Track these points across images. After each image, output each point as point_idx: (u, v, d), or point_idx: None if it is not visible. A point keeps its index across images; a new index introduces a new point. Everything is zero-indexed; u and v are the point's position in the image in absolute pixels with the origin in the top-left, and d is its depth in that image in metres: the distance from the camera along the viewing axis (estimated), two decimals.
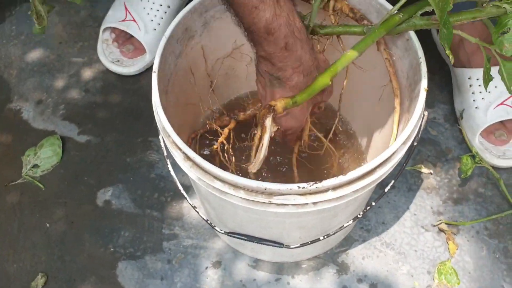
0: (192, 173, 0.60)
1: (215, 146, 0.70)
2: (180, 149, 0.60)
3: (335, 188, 0.58)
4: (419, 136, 0.66)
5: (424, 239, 0.87)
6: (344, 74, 0.69)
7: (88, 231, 0.89)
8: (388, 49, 0.70)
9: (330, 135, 0.78)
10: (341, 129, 0.91)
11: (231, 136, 0.72)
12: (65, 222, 0.90)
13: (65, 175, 0.95)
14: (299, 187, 0.56)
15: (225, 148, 0.70)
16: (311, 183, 0.56)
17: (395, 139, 0.71)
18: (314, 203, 0.58)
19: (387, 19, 0.62)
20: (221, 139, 0.70)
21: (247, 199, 0.58)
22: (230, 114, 0.73)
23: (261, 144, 0.52)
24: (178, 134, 0.61)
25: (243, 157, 0.76)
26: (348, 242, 0.86)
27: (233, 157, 0.71)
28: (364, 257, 0.85)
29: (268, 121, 0.52)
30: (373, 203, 0.72)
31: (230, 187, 0.58)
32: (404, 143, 0.62)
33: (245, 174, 0.67)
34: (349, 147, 0.89)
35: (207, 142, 0.81)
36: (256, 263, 0.85)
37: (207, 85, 0.82)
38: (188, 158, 0.60)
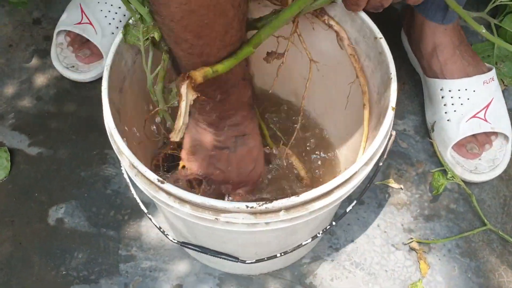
0: (138, 182, 0.57)
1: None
2: (124, 154, 0.57)
3: (287, 209, 0.55)
4: (385, 156, 0.62)
5: (395, 258, 0.83)
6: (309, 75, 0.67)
7: (37, 252, 0.83)
8: (351, 44, 0.66)
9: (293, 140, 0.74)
10: (315, 133, 0.87)
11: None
12: (12, 243, 0.84)
13: (13, 191, 0.88)
14: (247, 207, 0.53)
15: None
16: (261, 203, 0.53)
17: (363, 153, 0.68)
18: (267, 223, 0.55)
19: None
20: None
21: (193, 215, 0.55)
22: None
23: (179, 112, 0.50)
24: (135, 134, 0.57)
25: None
26: (316, 262, 0.82)
27: None
28: (333, 278, 0.81)
29: (184, 88, 0.49)
30: (334, 223, 0.68)
31: (175, 201, 0.55)
32: (366, 163, 0.58)
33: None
34: (323, 155, 0.85)
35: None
36: (219, 286, 0.80)
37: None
38: (133, 166, 0.57)
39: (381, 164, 0.62)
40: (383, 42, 0.63)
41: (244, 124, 0.62)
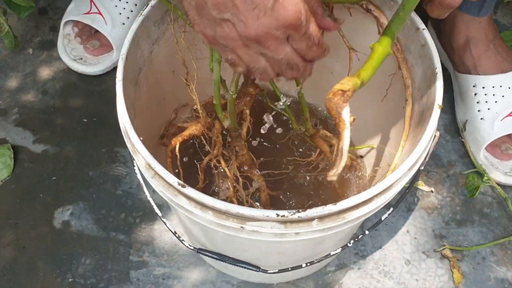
0: (155, 185, 0.52)
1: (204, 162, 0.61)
2: (140, 154, 0.52)
3: (322, 218, 0.49)
4: (427, 159, 0.56)
5: (426, 267, 0.77)
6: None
7: (42, 257, 0.78)
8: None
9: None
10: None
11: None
12: (16, 247, 0.78)
13: (16, 191, 0.83)
14: (277, 215, 0.48)
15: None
16: (293, 211, 0.48)
17: (401, 155, 0.62)
18: (296, 233, 0.50)
19: None
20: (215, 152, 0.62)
21: (216, 222, 0.50)
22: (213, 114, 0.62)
23: (341, 144, 0.40)
24: (149, 131, 0.53)
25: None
26: (342, 270, 0.77)
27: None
28: None
29: (347, 112, 0.40)
30: (367, 232, 0.63)
31: (196, 206, 0.50)
32: (410, 168, 0.52)
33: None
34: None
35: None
36: None
37: (189, 80, 0.72)
38: (150, 166, 0.51)
39: (422, 168, 0.57)
40: (426, 33, 0.57)
41: None
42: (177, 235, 0.65)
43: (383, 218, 0.61)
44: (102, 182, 0.84)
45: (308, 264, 0.63)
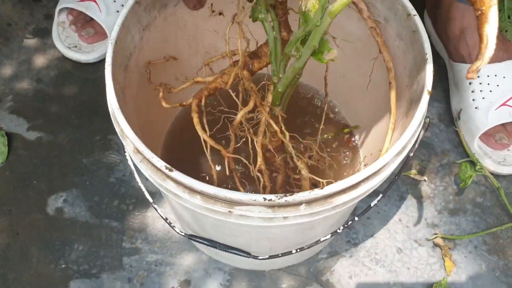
0: (143, 169, 0.51)
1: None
2: (128, 138, 0.51)
3: (309, 202, 0.49)
4: (417, 145, 0.56)
5: (418, 255, 0.78)
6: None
7: (35, 244, 0.77)
8: (371, 16, 0.61)
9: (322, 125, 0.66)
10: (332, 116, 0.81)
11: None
12: (9, 234, 0.78)
13: (10, 178, 0.83)
14: (264, 199, 0.47)
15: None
16: (280, 195, 0.47)
17: (390, 141, 0.62)
18: (285, 217, 0.50)
19: None
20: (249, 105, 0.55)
21: (204, 207, 0.50)
22: (246, 62, 0.56)
23: (485, 27, 0.38)
24: (142, 117, 0.53)
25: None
26: (334, 257, 0.77)
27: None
28: (351, 276, 0.76)
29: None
30: (356, 218, 0.63)
31: (185, 191, 0.49)
32: (398, 154, 0.52)
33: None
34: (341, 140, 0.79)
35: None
36: (230, 282, 0.75)
37: (183, 63, 0.72)
38: (138, 150, 0.51)
39: (411, 154, 0.56)
40: (417, 19, 0.57)
41: None
42: (168, 221, 0.65)
43: (372, 204, 0.61)
44: (96, 169, 0.84)
45: (298, 250, 0.63)
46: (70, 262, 0.76)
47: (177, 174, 0.49)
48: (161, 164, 0.49)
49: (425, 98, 0.53)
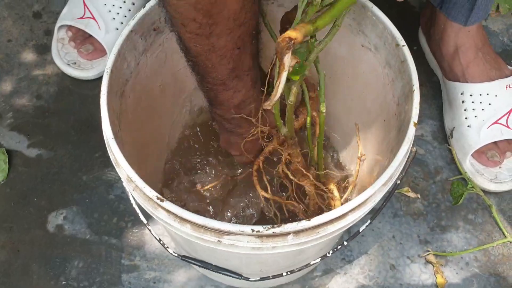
0: (136, 197, 0.53)
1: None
2: (121, 166, 0.53)
3: (297, 233, 0.50)
4: (404, 174, 0.58)
5: (410, 272, 0.79)
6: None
7: (36, 260, 0.79)
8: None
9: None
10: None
11: None
12: (10, 250, 0.80)
13: (11, 195, 0.84)
14: (253, 230, 0.49)
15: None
16: (268, 226, 0.49)
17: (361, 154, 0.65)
18: (273, 247, 0.51)
19: None
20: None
21: (194, 235, 0.51)
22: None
23: (278, 81, 0.46)
24: (137, 142, 0.55)
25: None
26: (328, 275, 0.78)
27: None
28: None
29: (287, 58, 0.44)
30: (345, 243, 0.64)
31: (175, 219, 0.51)
32: (384, 184, 0.53)
33: None
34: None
35: None
36: None
37: (178, 90, 0.73)
38: (131, 180, 0.52)
39: (399, 182, 0.58)
40: (406, 50, 0.58)
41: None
42: (161, 242, 0.66)
43: (360, 229, 0.62)
44: (95, 186, 0.85)
45: (289, 272, 0.65)
46: (70, 279, 0.78)
47: (168, 204, 0.50)
48: (152, 194, 0.50)
49: (411, 130, 0.54)
